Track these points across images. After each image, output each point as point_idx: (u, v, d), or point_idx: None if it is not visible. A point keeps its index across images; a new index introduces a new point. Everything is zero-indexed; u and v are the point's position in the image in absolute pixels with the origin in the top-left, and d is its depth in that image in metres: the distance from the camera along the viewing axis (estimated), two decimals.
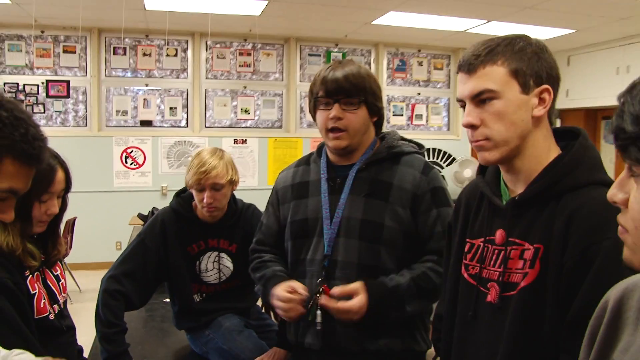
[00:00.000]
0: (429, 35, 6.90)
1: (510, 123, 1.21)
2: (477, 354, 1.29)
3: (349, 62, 1.81)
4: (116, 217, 6.43)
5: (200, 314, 2.37)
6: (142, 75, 6.90)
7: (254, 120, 7.28)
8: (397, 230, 1.75)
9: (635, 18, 5.73)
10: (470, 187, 1.46)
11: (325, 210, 1.81)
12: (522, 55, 1.21)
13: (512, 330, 1.19)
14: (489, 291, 1.27)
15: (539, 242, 1.18)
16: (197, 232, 2.37)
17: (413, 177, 1.79)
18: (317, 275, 1.78)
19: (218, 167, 2.23)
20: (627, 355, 0.81)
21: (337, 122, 1.75)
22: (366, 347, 1.76)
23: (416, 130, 7.80)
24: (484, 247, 1.31)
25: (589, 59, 7.29)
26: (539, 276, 1.17)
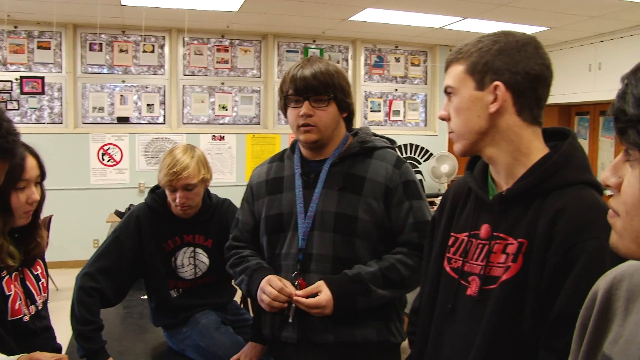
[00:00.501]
0: (406, 32, 6.95)
1: (466, 118, 1.26)
2: (453, 346, 1.31)
3: (318, 60, 1.83)
4: (93, 215, 6.37)
5: (178, 310, 2.37)
6: (118, 72, 6.84)
7: (231, 117, 7.26)
8: (370, 223, 1.78)
9: (606, 16, 5.84)
10: (459, 182, 1.48)
11: (299, 204, 1.83)
12: (484, 53, 1.24)
13: (490, 323, 1.21)
14: (469, 285, 1.28)
15: (523, 237, 1.20)
16: (172, 228, 2.37)
17: (386, 170, 1.82)
18: (292, 269, 1.81)
19: (189, 168, 2.22)
20: (617, 347, 0.82)
21: (308, 119, 1.78)
22: (341, 339, 1.78)
23: (394, 126, 7.85)
24: (468, 241, 1.32)
25: (562, 56, 7.40)
26: (521, 271, 1.18)
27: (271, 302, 1.75)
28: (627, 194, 0.71)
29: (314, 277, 1.78)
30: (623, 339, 0.82)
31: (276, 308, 1.76)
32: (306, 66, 1.79)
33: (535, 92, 1.24)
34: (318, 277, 1.77)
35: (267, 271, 1.83)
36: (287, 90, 1.81)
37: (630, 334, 0.80)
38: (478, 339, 1.22)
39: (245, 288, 1.90)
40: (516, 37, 1.25)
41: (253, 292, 1.83)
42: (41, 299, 1.84)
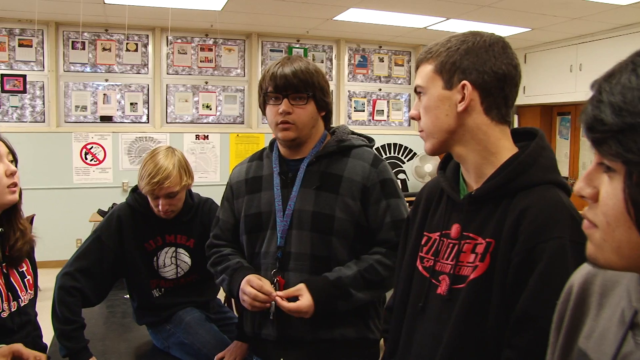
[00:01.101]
0: (389, 32, 6.98)
1: (434, 117, 1.27)
2: (422, 344, 1.32)
3: (298, 59, 1.85)
4: (76, 215, 6.33)
5: (160, 308, 2.38)
6: (101, 70, 6.79)
7: (215, 116, 7.25)
8: (347, 221, 1.80)
9: (586, 18, 5.92)
10: (432, 182, 1.50)
11: (278, 203, 1.84)
12: (452, 52, 1.25)
13: (458, 321, 1.22)
14: (439, 284, 1.30)
15: (490, 237, 1.21)
16: (154, 228, 2.36)
17: (363, 169, 1.83)
18: (271, 267, 1.82)
19: (171, 177, 2.19)
20: (591, 341, 0.83)
21: (286, 117, 1.80)
22: (320, 336, 1.80)
23: (377, 126, 7.89)
24: (439, 241, 1.34)
25: (544, 57, 7.49)
26: (488, 270, 1.20)
27: (252, 302, 1.76)
28: (607, 206, 0.69)
29: (293, 275, 1.79)
30: (597, 333, 0.83)
31: (258, 307, 1.77)
32: (286, 64, 1.81)
33: (502, 91, 1.26)
34: (296, 275, 1.79)
35: (248, 270, 1.84)
36: (267, 88, 1.82)
37: (603, 329, 0.82)
38: (445, 337, 1.24)
39: (226, 287, 1.91)
40: (484, 37, 1.27)
41: (234, 291, 1.85)
42: (27, 296, 1.82)
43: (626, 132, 0.63)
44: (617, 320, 0.79)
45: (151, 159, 2.24)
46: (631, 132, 0.63)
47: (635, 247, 0.67)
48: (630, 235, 0.66)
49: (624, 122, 0.64)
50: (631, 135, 0.63)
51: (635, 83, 0.64)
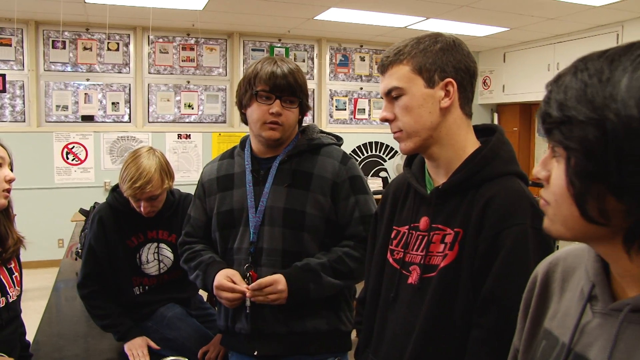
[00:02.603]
0: (370, 31, 7.04)
1: (418, 115, 1.32)
2: (395, 333, 1.38)
3: (288, 59, 1.90)
4: (58, 215, 6.31)
5: (141, 306, 2.41)
6: (82, 70, 6.77)
7: (197, 115, 7.26)
8: (318, 217, 1.85)
9: (562, 18, 6.04)
10: (399, 179, 1.56)
11: (250, 199, 1.89)
12: (426, 53, 1.31)
13: (429, 308, 1.28)
14: (410, 274, 1.36)
15: (458, 226, 1.29)
16: (136, 225, 2.39)
17: (332, 166, 1.89)
18: (244, 262, 1.87)
19: (153, 181, 2.21)
20: (555, 321, 0.92)
21: (277, 117, 1.83)
22: (293, 329, 1.85)
23: (359, 125, 7.95)
24: (408, 234, 1.40)
25: (523, 56, 7.60)
26: (457, 257, 1.27)
27: (231, 304, 1.83)
28: (555, 185, 0.79)
29: (265, 270, 1.84)
30: (560, 313, 0.92)
31: (236, 304, 1.83)
32: (280, 64, 1.84)
33: (472, 87, 1.36)
34: (269, 270, 1.83)
35: (221, 265, 1.89)
36: (258, 86, 1.83)
37: (566, 308, 0.91)
38: (418, 324, 1.30)
39: (200, 283, 1.95)
40: (448, 37, 1.35)
41: (209, 286, 1.89)
42: (15, 292, 1.85)
43: (566, 124, 0.74)
44: (577, 297, 0.89)
45: (133, 161, 2.25)
46: (569, 124, 0.74)
47: (577, 220, 0.77)
48: (572, 210, 0.76)
49: (564, 115, 0.75)
50: (569, 126, 0.74)
51: (574, 83, 0.75)
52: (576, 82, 0.75)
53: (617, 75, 0.71)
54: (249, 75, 1.87)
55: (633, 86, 0.69)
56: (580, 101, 0.73)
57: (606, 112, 0.70)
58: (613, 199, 0.72)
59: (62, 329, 2.56)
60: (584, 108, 0.72)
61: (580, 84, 0.74)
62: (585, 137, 0.71)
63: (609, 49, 0.77)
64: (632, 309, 0.76)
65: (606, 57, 0.74)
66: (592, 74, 0.74)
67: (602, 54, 0.76)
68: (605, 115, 0.70)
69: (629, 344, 0.75)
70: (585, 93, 0.73)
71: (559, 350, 0.87)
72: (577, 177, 0.74)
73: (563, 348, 0.86)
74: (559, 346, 0.88)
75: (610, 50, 0.76)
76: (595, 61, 0.75)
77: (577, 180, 0.74)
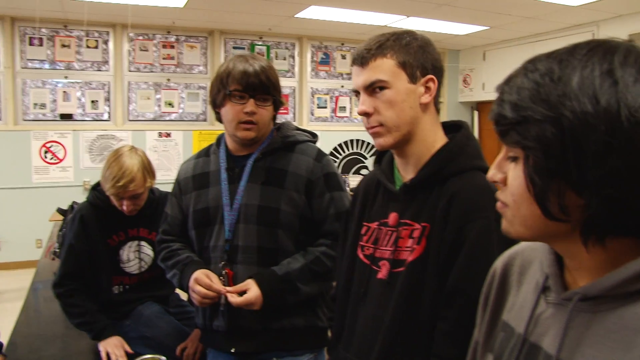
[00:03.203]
0: (351, 29, 7.06)
1: (400, 110, 1.33)
2: (366, 327, 1.40)
3: (259, 57, 1.88)
4: (36, 214, 6.23)
5: (120, 305, 2.40)
6: (61, 67, 6.68)
7: (178, 114, 7.21)
8: (293, 214, 1.85)
9: (541, 18, 6.11)
10: (369, 176, 1.58)
11: (225, 197, 1.89)
12: (409, 49, 1.33)
13: (398, 302, 1.31)
14: (380, 269, 1.38)
15: (425, 221, 1.31)
16: (117, 223, 2.39)
17: (307, 163, 1.89)
18: (220, 260, 1.87)
19: (135, 179, 2.22)
20: (512, 313, 0.95)
21: (251, 117, 1.83)
22: (270, 326, 1.86)
23: (340, 122, 7.96)
24: (378, 230, 1.42)
25: (502, 55, 7.68)
26: (424, 251, 1.29)
27: (201, 300, 1.81)
28: (513, 187, 0.80)
29: (241, 268, 1.84)
30: (517, 305, 0.94)
31: (206, 304, 1.82)
32: (250, 62, 1.83)
33: (441, 84, 1.39)
34: (244, 268, 1.84)
35: (198, 265, 1.88)
36: (231, 85, 1.83)
37: (522, 300, 0.93)
38: (387, 319, 1.32)
39: (177, 282, 1.95)
40: (421, 35, 1.38)
41: (185, 286, 1.89)
42: None
43: (522, 124, 0.76)
44: (533, 289, 0.92)
45: (115, 161, 2.26)
46: (525, 123, 0.75)
47: (537, 218, 0.78)
48: (532, 209, 0.78)
49: (520, 116, 0.76)
50: (526, 125, 0.75)
51: (526, 84, 0.77)
52: (528, 83, 0.77)
53: (567, 74, 0.74)
54: (221, 74, 1.85)
55: (585, 83, 0.72)
56: (534, 101, 0.75)
57: (562, 110, 0.72)
58: (573, 195, 0.74)
59: (40, 330, 2.54)
60: (539, 107, 0.74)
61: (533, 84, 0.76)
62: (543, 136, 0.73)
63: (555, 51, 0.79)
64: (581, 298, 0.78)
65: (554, 58, 0.77)
66: (543, 73, 0.76)
67: (549, 55, 0.79)
68: (561, 112, 0.72)
69: (579, 332, 0.78)
70: (539, 92, 0.75)
71: (515, 340, 0.90)
72: (538, 175, 0.75)
73: (519, 338, 0.89)
74: (515, 337, 0.91)
75: (556, 51, 0.79)
76: (544, 62, 0.78)
77: (537, 178, 0.75)
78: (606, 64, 0.73)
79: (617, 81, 0.71)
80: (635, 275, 0.73)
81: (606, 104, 0.70)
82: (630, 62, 0.73)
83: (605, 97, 0.70)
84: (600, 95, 0.70)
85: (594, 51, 0.75)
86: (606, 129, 0.69)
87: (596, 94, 0.71)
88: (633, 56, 0.74)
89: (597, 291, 0.76)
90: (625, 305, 0.74)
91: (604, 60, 0.73)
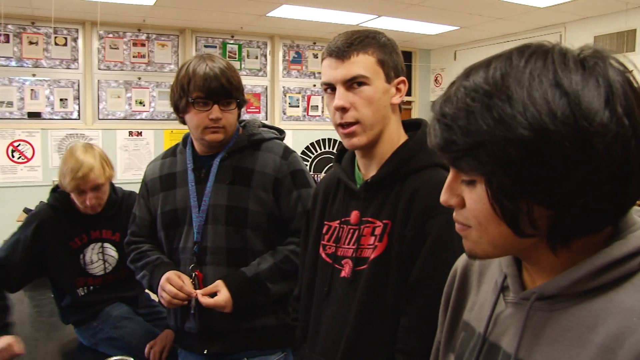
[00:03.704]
0: (323, 29, 7.07)
1: (377, 108, 1.34)
2: (330, 325, 1.41)
3: (217, 58, 1.84)
4: (2, 215, 6.10)
5: (86, 306, 2.37)
6: (28, 65, 6.55)
7: (149, 112, 7.14)
8: (261, 214, 1.85)
9: (509, 19, 6.20)
10: (329, 175, 1.59)
11: (192, 199, 1.88)
12: (386, 49, 1.36)
13: (361, 299, 1.32)
14: (343, 267, 1.39)
15: (387, 218, 1.33)
16: (79, 226, 2.36)
17: (274, 161, 1.89)
18: (189, 262, 1.86)
19: (95, 168, 2.21)
20: (472, 313, 0.96)
21: (217, 122, 1.81)
22: (242, 326, 1.86)
23: (312, 121, 7.96)
24: (339, 228, 1.43)
25: (473, 55, 7.76)
26: (386, 248, 1.31)
27: (171, 300, 1.80)
28: (476, 210, 0.78)
29: (210, 269, 1.84)
30: (477, 305, 0.96)
31: (175, 305, 1.81)
32: (209, 67, 1.78)
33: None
34: (214, 269, 1.84)
35: (168, 266, 1.88)
36: (193, 93, 1.79)
37: (482, 300, 0.95)
38: (351, 316, 1.33)
39: (146, 283, 1.94)
40: (388, 37, 1.41)
41: (154, 287, 1.88)
42: None
43: (478, 148, 0.73)
44: (492, 289, 0.92)
45: (71, 156, 2.24)
46: (482, 147, 0.72)
47: (507, 237, 0.78)
48: (501, 230, 0.77)
49: (474, 141, 0.73)
50: (483, 149, 0.72)
51: (474, 107, 0.73)
52: (475, 103, 0.73)
53: (516, 92, 0.71)
54: (182, 79, 1.81)
55: (536, 98, 0.70)
56: (488, 123, 0.72)
57: (520, 130, 0.69)
58: (542, 208, 0.73)
59: None
60: (495, 129, 0.71)
61: (481, 105, 0.73)
62: (507, 159, 0.71)
63: (489, 62, 0.76)
64: (538, 297, 0.79)
65: (494, 71, 0.74)
66: (488, 92, 0.73)
67: (485, 67, 0.76)
68: (520, 132, 0.69)
69: (536, 331, 0.79)
70: (492, 114, 0.72)
71: (476, 340, 0.91)
72: (506, 198, 0.73)
73: (479, 338, 0.89)
74: (475, 336, 0.92)
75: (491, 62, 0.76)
76: (482, 76, 0.75)
77: (506, 201, 0.73)
78: (551, 74, 0.71)
79: (566, 92, 0.70)
80: (588, 274, 0.74)
81: (564, 118, 0.68)
82: (571, 67, 0.72)
83: (560, 111, 0.69)
84: (556, 110, 0.69)
85: (532, 61, 0.73)
86: (569, 143, 0.68)
87: (551, 108, 0.69)
88: (570, 59, 0.73)
89: (553, 290, 0.77)
90: (580, 304, 0.75)
91: (546, 70, 0.72)
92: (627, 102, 0.71)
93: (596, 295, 0.74)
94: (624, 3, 5.48)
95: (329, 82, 1.36)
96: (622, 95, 0.71)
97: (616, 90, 0.71)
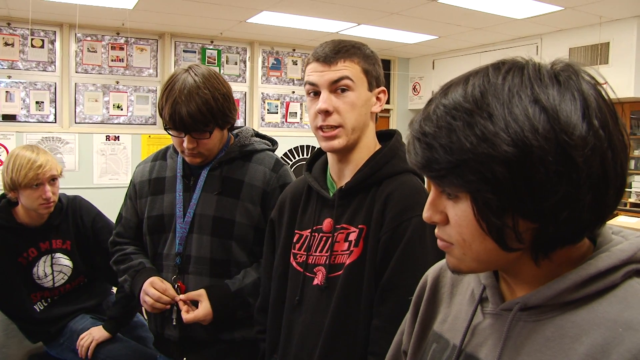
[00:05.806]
0: (303, 36, 7.09)
1: (359, 114, 1.38)
2: (303, 335, 1.41)
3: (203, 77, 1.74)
4: None
5: (46, 324, 2.29)
6: (3, 67, 6.46)
7: (126, 117, 7.07)
8: (247, 226, 1.84)
9: (487, 29, 6.29)
10: (295, 184, 1.60)
11: (178, 208, 1.86)
12: (369, 60, 1.41)
13: (337, 305, 1.33)
14: (315, 275, 1.40)
15: (362, 223, 1.35)
16: (25, 240, 2.27)
17: (263, 174, 1.87)
18: (172, 269, 1.85)
19: (50, 160, 2.18)
20: (445, 325, 0.96)
21: (192, 150, 1.78)
22: (222, 337, 1.85)
23: (290, 128, 7.97)
24: (311, 237, 1.44)
25: (451, 64, 7.85)
26: (362, 253, 1.33)
27: (154, 304, 1.79)
28: (461, 226, 0.78)
29: (193, 279, 1.83)
30: (450, 317, 0.96)
31: (158, 309, 1.80)
32: (183, 103, 1.70)
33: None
34: (196, 278, 1.82)
35: (150, 272, 1.86)
36: (165, 119, 1.76)
37: (456, 312, 0.95)
38: (326, 323, 1.34)
39: (128, 288, 1.92)
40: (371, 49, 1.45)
41: (136, 292, 1.86)
42: None
43: (461, 166, 0.73)
44: (468, 300, 0.93)
45: (17, 156, 2.17)
46: (466, 165, 0.73)
47: (492, 252, 0.78)
48: (486, 245, 0.77)
49: (458, 160, 0.73)
50: (467, 167, 0.73)
51: (455, 125, 0.74)
52: (456, 122, 0.74)
53: (497, 109, 0.72)
54: (160, 99, 1.77)
55: (517, 115, 0.71)
56: (471, 141, 0.72)
57: (503, 147, 0.70)
58: (527, 222, 0.74)
59: None
60: (479, 147, 0.71)
61: (463, 123, 0.73)
62: (492, 176, 0.71)
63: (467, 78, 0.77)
64: (521, 307, 0.80)
65: (473, 95, 0.74)
66: (468, 109, 0.74)
67: (464, 84, 0.77)
68: (504, 149, 0.70)
69: (518, 341, 0.79)
70: (474, 132, 0.72)
71: (450, 352, 0.91)
72: (492, 214, 0.74)
73: (454, 350, 0.89)
74: (449, 348, 0.91)
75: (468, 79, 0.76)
76: (460, 94, 0.75)
77: (492, 217, 0.74)
78: (529, 90, 0.72)
79: (545, 107, 0.70)
80: (573, 285, 0.75)
81: (545, 132, 0.69)
82: (546, 82, 0.73)
83: (541, 126, 0.69)
84: (537, 125, 0.69)
85: (509, 77, 0.74)
86: (552, 158, 0.69)
87: (533, 124, 0.70)
88: (545, 74, 0.74)
89: (538, 300, 0.77)
90: (563, 314, 0.76)
91: (524, 87, 0.73)
92: (602, 114, 0.73)
93: (579, 307, 0.75)
94: (598, 17, 5.59)
95: (314, 83, 1.39)
96: (597, 108, 0.72)
97: (591, 104, 0.72)
